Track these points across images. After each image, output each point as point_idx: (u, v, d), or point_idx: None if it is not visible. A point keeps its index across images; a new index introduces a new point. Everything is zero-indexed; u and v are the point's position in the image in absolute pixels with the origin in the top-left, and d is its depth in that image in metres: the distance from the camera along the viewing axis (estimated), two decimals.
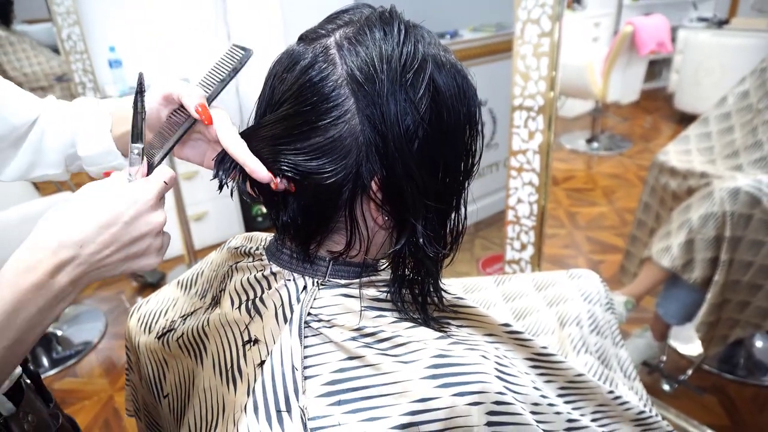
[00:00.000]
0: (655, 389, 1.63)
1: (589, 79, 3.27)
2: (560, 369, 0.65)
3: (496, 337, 0.63)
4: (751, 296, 1.46)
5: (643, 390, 0.92)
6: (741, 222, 1.40)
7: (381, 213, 0.51)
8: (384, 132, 0.46)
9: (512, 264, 1.73)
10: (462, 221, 0.56)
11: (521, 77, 1.46)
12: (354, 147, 0.47)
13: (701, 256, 1.46)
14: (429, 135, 0.48)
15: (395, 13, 0.50)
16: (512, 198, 1.63)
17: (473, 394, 0.48)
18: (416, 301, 0.55)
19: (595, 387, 0.68)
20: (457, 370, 0.49)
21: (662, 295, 1.63)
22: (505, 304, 1.01)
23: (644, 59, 3.62)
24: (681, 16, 4.26)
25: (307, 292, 0.52)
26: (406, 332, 0.52)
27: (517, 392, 0.54)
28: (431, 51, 0.49)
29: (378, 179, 0.48)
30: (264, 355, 0.50)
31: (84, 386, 1.83)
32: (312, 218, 0.51)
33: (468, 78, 0.51)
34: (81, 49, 2.28)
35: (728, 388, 1.63)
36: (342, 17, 0.50)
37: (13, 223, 1.67)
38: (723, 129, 1.67)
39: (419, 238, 0.50)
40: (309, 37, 0.50)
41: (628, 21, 3.40)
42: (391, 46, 0.47)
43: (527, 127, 1.50)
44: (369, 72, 0.46)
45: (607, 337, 0.95)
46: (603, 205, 2.85)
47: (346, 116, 0.46)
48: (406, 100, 0.46)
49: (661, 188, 1.71)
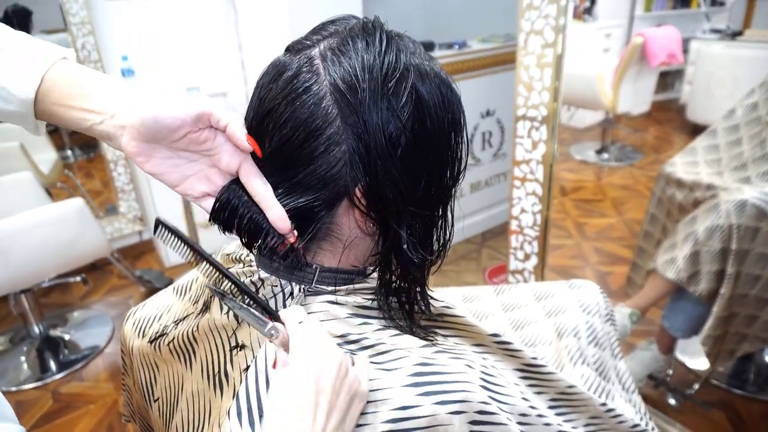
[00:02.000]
0: (661, 403, 1.60)
1: (599, 90, 3.26)
2: (551, 380, 0.65)
3: (485, 348, 0.62)
4: (759, 310, 1.44)
5: (641, 403, 0.91)
6: (748, 235, 1.38)
7: (366, 220, 0.51)
8: (367, 140, 0.47)
9: (516, 274, 1.72)
10: (449, 228, 0.56)
11: (525, 87, 1.47)
12: (338, 155, 0.48)
13: (707, 268, 1.44)
14: (412, 142, 0.48)
15: (378, 23, 0.51)
16: (516, 208, 1.62)
17: (456, 402, 0.48)
18: (403, 308, 0.56)
19: (588, 399, 0.68)
20: (440, 379, 0.49)
21: (668, 308, 1.61)
22: (503, 314, 1.00)
23: (655, 70, 3.61)
24: (694, 28, 4.23)
25: (293, 298, 0.53)
26: (391, 340, 0.52)
27: (503, 402, 0.54)
28: (414, 60, 0.49)
29: (362, 186, 0.49)
30: (250, 359, 0.51)
31: (90, 390, 1.85)
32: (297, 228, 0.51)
33: (452, 86, 0.52)
34: (95, 59, 2.33)
35: (737, 404, 1.60)
36: (327, 28, 0.51)
37: (24, 229, 1.71)
38: (731, 141, 1.65)
39: (403, 244, 0.51)
40: (295, 47, 0.51)
41: (639, 32, 3.39)
42: (372, 55, 0.48)
43: (531, 137, 1.50)
44: (351, 82, 0.47)
45: (605, 349, 0.94)
46: (612, 216, 2.82)
47: (329, 125, 0.47)
48: (388, 109, 0.47)
49: (667, 200, 1.70)
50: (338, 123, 0.47)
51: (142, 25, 2.40)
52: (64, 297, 2.42)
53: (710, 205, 1.46)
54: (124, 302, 2.34)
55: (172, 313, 0.67)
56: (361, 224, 0.52)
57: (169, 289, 0.74)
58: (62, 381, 1.90)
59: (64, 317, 2.25)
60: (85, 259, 1.92)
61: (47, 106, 0.47)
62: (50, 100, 0.47)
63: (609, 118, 3.61)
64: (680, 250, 1.49)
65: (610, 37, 4.07)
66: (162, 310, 0.69)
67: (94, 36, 2.30)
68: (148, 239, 2.78)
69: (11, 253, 1.69)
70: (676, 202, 1.65)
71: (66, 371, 1.93)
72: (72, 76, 0.47)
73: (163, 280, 2.40)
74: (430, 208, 0.54)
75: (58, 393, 1.84)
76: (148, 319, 0.69)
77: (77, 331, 2.16)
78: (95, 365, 1.97)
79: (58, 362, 1.99)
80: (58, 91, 0.47)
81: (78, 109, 0.47)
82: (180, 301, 0.69)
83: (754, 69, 3.32)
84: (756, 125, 1.60)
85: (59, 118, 0.48)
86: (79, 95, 0.47)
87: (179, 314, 0.65)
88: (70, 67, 0.48)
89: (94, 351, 2.03)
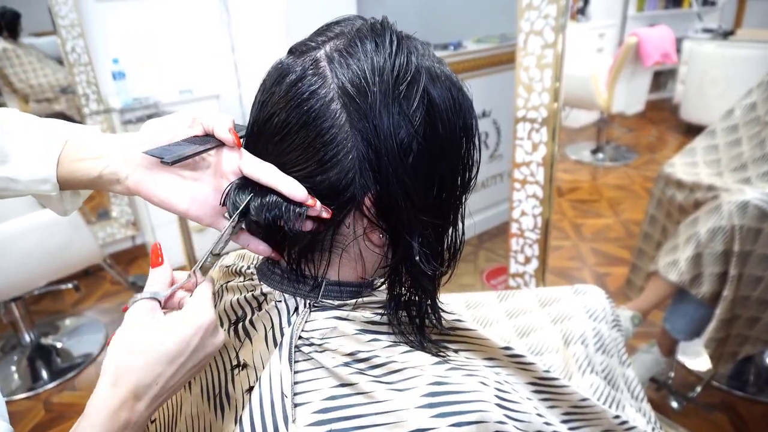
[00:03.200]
0: (663, 406, 1.59)
1: (594, 90, 3.25)
2: (564, 393, 0.63)
3: (497, 361, 0.60)
4: (761, 312, 1.43)
5: (651, 411, 0.89)
6: (750, 236, 1.37)
7: (375, 230, 0.49)
8: (377, 146, 0.44)
9: (516, 277, 1.70)
10: (460, 237, 0.54)
11: (524, 89, 1.45)
12: (347, 163, 0.45)
13: (709, 270, 1.43)
14: (424, 148, 0.46)
15: (387, 24, 0.48)
16: (516, 210, 1.61)
17: (472, 424, 0.45)
18: (413, 323, 0.53)
19: (601, 412, 0.66)
20: (454, 399, 0.46)
21: (669, 310, 1.60)
22: (508, 320, 0.98)
23: (649, 70, 3.61)
24: (686, 27, 4.24)
25: (298, 314, 0.50)
26: (402, 357, 0.50)
27: (518, 420, 0.51)
28: (425, 62, 0.47)
29: (372, 195, 0.46)
30: (253, 380, 0.48)
31: (83, 400, 1.80)
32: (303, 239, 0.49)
33: (463, 90, 0.50)
34: (85, 61, 2.29)
35: (738, 406, 1.59)
36: (333, 29, 0.48)
37: (15, 234, 1.67)
38: (730, 141, 1.64)
39: (415, 255, 0.48)
40: (299, 49, 0.48)
41: (633, 32, 3.39)
42: (383, 57, 0.45)
43: (531, 139, 1.49)
44: (361, 85, 0.44)
45: (613, 356, 0.93)
46: (608, 217, 2.82)
47: (337, 131, 0.45)
48: (399, 113, 0.45)
49: (667, 201, 1.69)
50: (347, 128, 0.45)
51: (133, 27, 2.36)
52: (56, 304, 2.37)
53: (712, 206, 1.45)
54: (117, 308, 2.30)
55: None
56: (369, 234, 0.50)
57: None
58: (54, 390, 1.86)
59: (56, 325, 2.20)
60: (76, 266, 1.89)
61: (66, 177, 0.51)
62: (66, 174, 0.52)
63: (604, 118, 3.61)
64: (682, 252, 1.48)
65: (604, 37, 4.08)
66: None
67: (84, 38, 2.26)
68: (141, 244, 2.74)
69: (0, 260, 1.65)
70: (676, 203, 1.64)
71: (58, 380, 1.89)
72: (78, 144, 0.52)
73: None
74: (442, 217, 0.51)
75: (50, 403, 1.80)
76: None
77: (69, 338, 2.12)
78: (88, 374, 1.93)
79: (50, 371, 1.94)
80: (66, 156, 0.51)
81: (85, 160, 0.50)
82: None
83: (746, 68, 3.33)
84: (755, 125, 1.59)
85: (76, 179, 0.51)
86: (82, 153, 0.51)
87: None
88: (74, 142, 0.52)
89: (87, 359, 1.99)
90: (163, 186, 0.49)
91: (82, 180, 0.51)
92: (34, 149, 0.51)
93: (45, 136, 0.52)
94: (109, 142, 0.51)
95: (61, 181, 0.51)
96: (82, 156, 0.51)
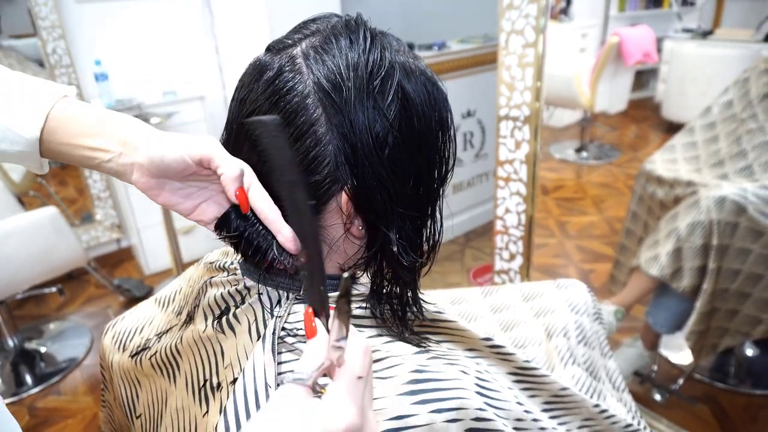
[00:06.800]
0: (646, 399, 1.61)
1: (577, 90, 3.29)
2: (545, 383, 0.64)
3: (478, 352, 0.61)
4: (739, 304, 1.46)
5: (632, 402, 0.91)
6: (727, 230, 1.40)
7: (353, 222, 0.50)
8: (353, 140, 0.46)
9: (501, 274, 1.72)
10: (438, 229, 0.55)
11: (507, 87, 1.47)
12: (325, 157, 0.46)
13: (689, 264, 1.46)
14: (399, 142, 0.47)
15: (361, 20, 0.49)
16: (500, 208, 1.62)
17: (451, 410, 0.46)
18: (395, 314, 0.54)
19: (581, 401, 0.67)
20: (435, 386, 0.47)
21: (652, 304, 1.63)
22: (492, 315, 0.99)
23: (631, 69, 3.66)
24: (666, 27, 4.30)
25: (281, 306, 0.51)
26: (385, 347, 0.51)
27: (498, 408, 0.52)
28: (399, 58, 0.48)
29: (349, 188, 0.47)
30: (237, 372, 0.49)
31: (68, 404, 1.79)
32: None
33: (438, 84, 0.51)
34: (66, 64, 2.27)
35: (720, 398, 1.62)
36: (309, 27, 0.49)
37: None
38: (708, 138, 1.68)
39: (393, 246, 0.49)
40: (275, 47, 0.49)
41: (615, 32, 3.44)
42: (357, 53, 0.46)
43: (514, 137, 1.50)
44: (336, 80, 0.45)
45: (595, 348, 0.94)
46: (593, 214, 2.85)
47: (314, 125, 0.46)
48: (374, 108, 0.46)
49: (648, 197, 1.72)
50: (323, 123, 0.46)
51: (116, 29, 2.35)
52: (40, 308, 2.35)
53: (691, 201, 1.48)
54: (103, 312, 2.28)
55: (155, 326, 0.65)
56: (348, 227, 0.50)
57: (151, 301, 0.71)
58: (39, 395, 1.84)
59: (40, 329, 2.18)
60: (60, 269, 1.87)
61: (53, 145, 0.48)
62: (56, 139, 0.47)
63: (587, 117, 3.65)
64: (663, 246, 1.51)
65: (586, 37, 4.12)
66: (143, 322, 0.67)
67: (65, 40, 2.24)
68: (127, 247, 2.71)
69: None
70: (657, 199, 1.67)
71: (42, 385, 1.87)
72: (76, 114, 0.48)
73: (142, 289, 2.35)
74: (419, 209, 0.52)
75: (34, 408, 1.78)
76: (129, 332, 0.66)
77: (54, 343, 2.10)
78: (73, 378, 1.91)
79: (34, 376, 1.92)
80: (63, 129, 0.47)
81: (85, 148, 0.47)
82: (162, 312, 0.67)
83: (725, 67, 3.38)
84: (732, 122, 1.63)
85: (66, 156, 0.48)
86: (85, 133, 0.47)
87: (162, 327, 0.63)
88: (72, 104, 0.48)
89: (72, 363, 1.97)
90: (171, 192, 0.49)
91: (75, 161, 0.48)
92: (22, 105, 0.47)
93: (34, 92, 0.47)
94: (112, 134, 0.47)
95: (44, 152, 0.48)
96: (76, 141, 0.47)
